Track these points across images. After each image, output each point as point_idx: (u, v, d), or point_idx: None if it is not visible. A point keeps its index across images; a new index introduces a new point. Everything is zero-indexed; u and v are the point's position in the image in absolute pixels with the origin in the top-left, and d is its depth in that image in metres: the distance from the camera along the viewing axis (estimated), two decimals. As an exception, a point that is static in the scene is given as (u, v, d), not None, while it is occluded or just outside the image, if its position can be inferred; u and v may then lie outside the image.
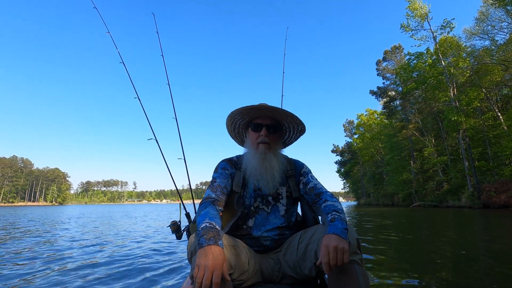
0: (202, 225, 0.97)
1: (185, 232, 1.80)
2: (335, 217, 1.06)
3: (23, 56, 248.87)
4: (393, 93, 33.65)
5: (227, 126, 1.43)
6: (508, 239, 4.92)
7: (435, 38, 21.61)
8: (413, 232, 6.44)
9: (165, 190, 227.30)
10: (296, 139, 1.46)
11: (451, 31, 20.81)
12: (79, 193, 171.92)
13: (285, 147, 1.47)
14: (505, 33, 19.10)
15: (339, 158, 53.77)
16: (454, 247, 4.18)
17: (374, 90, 37.59)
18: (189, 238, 1.14)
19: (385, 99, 35.04)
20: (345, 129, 51.63)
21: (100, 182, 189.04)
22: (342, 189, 71.79)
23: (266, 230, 1.26)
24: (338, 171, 54.96)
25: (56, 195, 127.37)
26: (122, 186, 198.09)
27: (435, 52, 21.21)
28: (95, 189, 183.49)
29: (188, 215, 1.93)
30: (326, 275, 1.11)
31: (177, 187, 2.26)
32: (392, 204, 32.65)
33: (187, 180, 2.26)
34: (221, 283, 0.84)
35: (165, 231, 7.14)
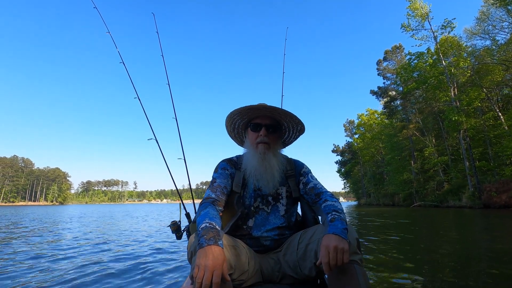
0: (202, 225, 0.98)
1: (185, 232, 1.80)
2: (335, 217, 1.06)
3: (23, 56, 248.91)
4: (394, 93, 33.61)
5: (227, 126, 1.43)
6: (509, 239, 4.92)
7: (435, 38, 21.59)
8: (414, 232, 6.43)
9: (166, 190, 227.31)
10: (295, 139, 1.47)
11: (452, 31, 20.81)
12: (80, 193, 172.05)
13: (285, 147, 1.47)
14: (506, 33, 19.09)
15: (339, 158, 53.70)
16: (454, 247, 4.17)
17: (374, 90, 37.57)
18: (189, 238, 1.15)
19: (385, 99, 35.01)
20: (345, 129, 51.64)
21: (100, 182, 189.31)
22: (342, 189, 71.77)
23: (266, 230, 1.26)
24: (338, 171, 54.92)
25: (56, 195, 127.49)
26: (122, 185, 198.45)
27: (436, 52, 21.15)
28: (96, 189, 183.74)
29: (188, 215, 1.93)
30: (326, 275, 1.11)
31: (177, 187, 2.26)
32: (392, 204, 32.61)
33: (187, 180, 2.26)
34: (221, 283, 0.84)
35: (167, 231, 7.14)
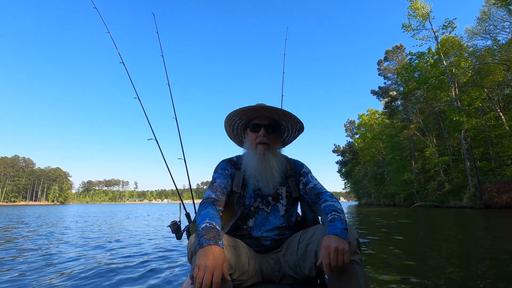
0: (202, 225, 0.98)
1: (185, 232, 1.80)
2: (335, 217, 1.06)
3: (23, 56, 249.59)
4: (395, 93, 33.58)
5: (226, 127, 1.43)
6: (510, 239, 4.91)
7: (436, 38, 21.56)
8: (414, 232, 6.43)
9: (166, 189, 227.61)
10: (295, 138, 1.47)
11: (453, 30, 20.75)
12: (81, 193, 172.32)
13: (285, 146, 1.47)
14: (507, 33, 19.04)
15: (340, 158, 53.65)
16: (455, 247, 4.17)
17: (375, 90, 37.57)
18: (189, 238, 1.15)
19: (386, 99, 34.99)
20: (346, 129, 51.63)
21: (101, 181, 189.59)
22: (343, 189, 71.77)
23: (266, 230, 1.26)
24: (339, 171, 54.88)
25: (57, 195, 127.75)
26: (123, 185, 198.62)
27: (437, 52, 21.12)
28: (97, 188, 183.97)
29: (188, 215, 1.93)
30: (326, 275, 1.11)
31: (177, 187, 2.26)
32: (393, 204, 32.58)
33: (187, 180, 2.26)
34: (221, 283, 0.84)
35: (167, 231, 7.15)
